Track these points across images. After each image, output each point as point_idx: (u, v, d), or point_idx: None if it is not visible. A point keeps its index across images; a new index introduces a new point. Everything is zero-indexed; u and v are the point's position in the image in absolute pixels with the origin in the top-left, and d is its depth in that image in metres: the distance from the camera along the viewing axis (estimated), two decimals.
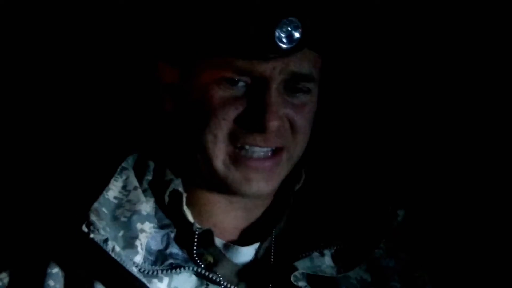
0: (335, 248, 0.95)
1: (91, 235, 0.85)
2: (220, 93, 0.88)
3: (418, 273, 1.03)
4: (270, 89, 0.87)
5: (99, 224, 0.87)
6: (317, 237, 0.97)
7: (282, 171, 0.93)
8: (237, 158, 0.89)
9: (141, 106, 1.11)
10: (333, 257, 0.95)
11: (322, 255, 0.95)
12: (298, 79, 0.89)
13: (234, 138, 0.89)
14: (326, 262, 0.94)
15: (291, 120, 0.90)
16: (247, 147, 0.89)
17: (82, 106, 1.19)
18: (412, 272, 1.03)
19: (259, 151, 0.90)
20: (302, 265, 0.93)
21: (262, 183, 0.90)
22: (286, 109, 0.89)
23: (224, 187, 0.92)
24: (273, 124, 0.87)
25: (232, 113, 0.88)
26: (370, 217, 0.97)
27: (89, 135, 1.17)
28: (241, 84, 0.88)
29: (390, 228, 0.96)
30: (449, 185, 1.22)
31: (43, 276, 0.88)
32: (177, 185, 0.94)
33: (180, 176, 0.95)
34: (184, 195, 0.94)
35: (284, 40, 0.85)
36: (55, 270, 0.89)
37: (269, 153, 0.91)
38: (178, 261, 0.90)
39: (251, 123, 0.87)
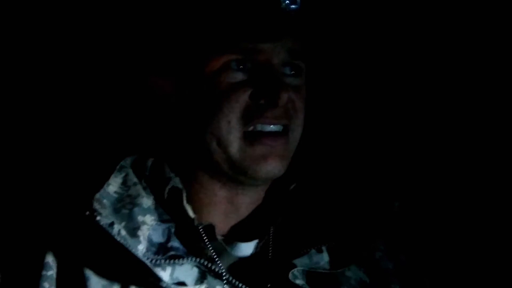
0: (332, 243, 0.96)
1: (97, 218, 0.85)
2: (228, 79, 0.91)
3: (417, 275, 1.03)
4: (276, 67, 0.92)
5: (103, 211, 0.87)
6: (314, 233, 0.97)
7: (289, 152, 0.96)
8: (252, 139, 0.91)
9: (139, 108, 1.11)
10: (331, 253, 0.96)
11: (320, 251, 0.95)
12: (293, 56, 0.94)
13: (247, 120, 0.91)
14: (324, 259, 0.95)
15: (292, 101, 0.94)
16: (259, 127, 0.92)
17: (79, 108, 1.19)
18: (411, 275, 1.03)
19: (271, 128, 0.92)
20: (300, 263, 0.93)
21: (277, 161, 0.92)
22: (289, 89, 0.93)
23: (242, 173, 0.93)
24: (285, 96, 0.91)
25: (243, 95, 0.91)
26: (367, 210, 0.99)
27: (86, 137, 1.17)
28: (246, 67, 0.92)
29: (387, 219, 0.97)
30: (449, 187, 1.23)
31: (38, 271, 0.88)
32: (177, 182, 0.95)
33: (179, 176, 0.96)
34: (184, 191, 0.94)
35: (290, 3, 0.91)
36: (50, 259, 0.89)
37: (279, 131, 0.93)
38: (180, 253, 0.90)
39: (262, 100, 0.91)
